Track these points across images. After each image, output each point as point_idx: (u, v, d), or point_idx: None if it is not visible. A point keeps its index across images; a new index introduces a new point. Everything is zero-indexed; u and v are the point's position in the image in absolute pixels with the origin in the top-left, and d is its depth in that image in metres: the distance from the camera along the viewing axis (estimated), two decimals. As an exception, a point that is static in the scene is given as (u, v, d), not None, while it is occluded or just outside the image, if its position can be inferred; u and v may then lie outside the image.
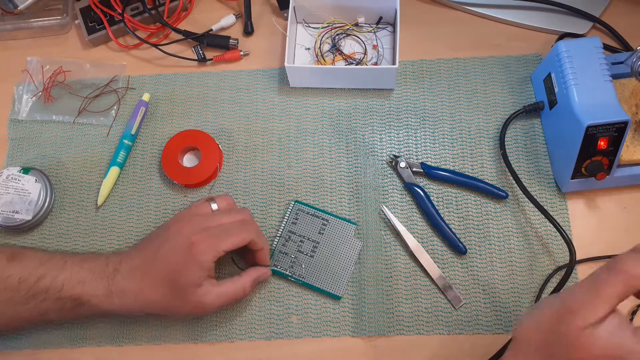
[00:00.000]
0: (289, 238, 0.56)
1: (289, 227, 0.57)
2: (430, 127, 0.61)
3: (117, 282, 0.50)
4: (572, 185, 0.55)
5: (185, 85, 0.65)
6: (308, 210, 0.57)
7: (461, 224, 0.57)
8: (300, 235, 0.56)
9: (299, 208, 0.57)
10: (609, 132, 0.51)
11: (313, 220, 0.57)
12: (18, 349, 0.55)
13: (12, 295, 0.49)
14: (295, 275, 0.55)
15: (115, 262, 0.51)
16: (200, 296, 0.49)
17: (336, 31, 0.65)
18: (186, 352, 0.54)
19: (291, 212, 0.57)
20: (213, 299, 0.49)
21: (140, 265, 0.50)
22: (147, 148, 0.62)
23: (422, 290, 0.55)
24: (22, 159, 0.63)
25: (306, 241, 0.56)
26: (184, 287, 0.48)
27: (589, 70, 0.52)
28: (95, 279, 0.50)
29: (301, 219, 0.57)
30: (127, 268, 0.50)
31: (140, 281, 0.50)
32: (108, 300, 0.50)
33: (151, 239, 0.53)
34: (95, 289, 0.49)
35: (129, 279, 0.50)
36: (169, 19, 0.66)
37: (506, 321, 0.53)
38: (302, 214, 0.57)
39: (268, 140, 0.61)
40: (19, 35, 0.68)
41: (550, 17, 0.64)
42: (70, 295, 0.49)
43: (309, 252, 0.56)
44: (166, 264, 0.49)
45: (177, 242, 0.49)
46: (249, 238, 0.50)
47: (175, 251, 0.49)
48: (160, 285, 0.49)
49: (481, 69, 0.63)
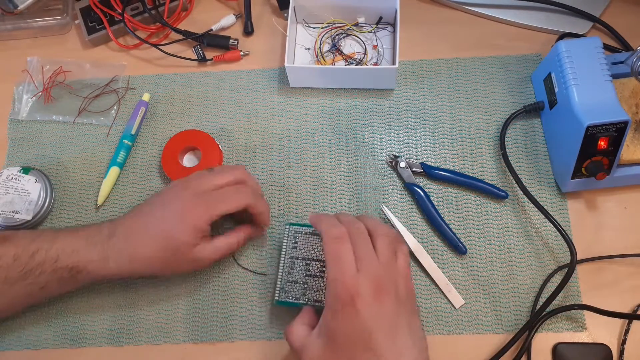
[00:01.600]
0: (293, 265, 0.53)
1: (290, 252, 0.53)
2: (430, 127, 0.61)
3: (112, 245, 0.50)
4: (572, 185, 0.55)
5: (185, 85, 0.65)
6: (305, 230, 0.54)
7: (461, 224, 0.57)
8: (305, 259, 0.53)
9: (296, 230, 0.54)
10: (609, 132, 0.51)
11: (312, 239, 0.54)
12: (18, 348, 0.55)
13: (8, 274, 0.49)
14: (312, 301, 0.52)
15: (109, 227, 0.51)
16: (196, 253, 0.50)
17: (336, 31, 0.65)
18: (186, 352, 0.54)
19: (288, 236, 0.54)
20: (208, 254, 0.51)
21: (134, 226, 0.51)
22: (147, 148, 0.62)
23: (422, 290, 0.55)
24: (22, 159, 0.63)
25: (312, 263, 0.53)
26: (179, 248, 0.49)
27: (589, 70, 0.52)
28: (89, 244, 0.50)
29: (300, 241, 0.54)
30: (122, 231, 0.51)
31: (135, 241, 0.50)
32: (104, 264, 0.50)
33: (146, 203, 0.53)
34: (90, 254, 0.50)
35: (124, 240, 0.50)
36: (169, 19, 0.66)
37: (506, 321, 0.53)
38: (300, 236, 0.54)
39: (268, 140, 0.61)
40: (19, 35, 0.68)
41: (550, 17, 0.64)
42: (66, 265, 0.49)
43: (317, 273, 0.52)
44: (162, 225, 0.50)
45: (172, 206, 0.50)
46: (244, 202, 0.51)
47: (171, 214, 0.50)
48: (155, 244, 0.50)
49: (481, 69, 0.63)
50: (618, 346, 0.52)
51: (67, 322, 0.56)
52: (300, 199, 0.59)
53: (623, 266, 0.54)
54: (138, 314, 0.56)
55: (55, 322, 0.56)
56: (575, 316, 0.53)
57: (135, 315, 0.55)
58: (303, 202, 0.58)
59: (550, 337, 0.52)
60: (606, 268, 0.54)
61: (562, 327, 0.52)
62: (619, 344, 0.52)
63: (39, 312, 0.56)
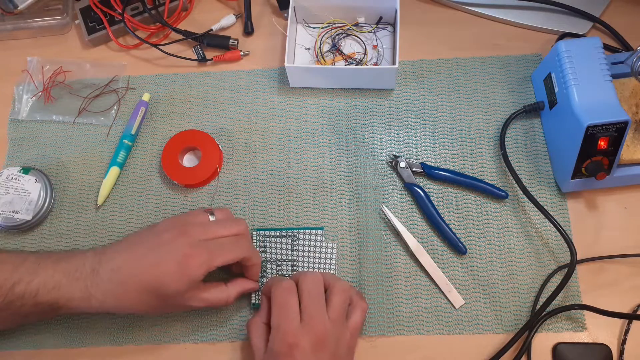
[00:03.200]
0: (265, 268, 0.55)
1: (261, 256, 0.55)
2: (430, 127, 0.61)
3: (96, 284, 0.47)
4: (572, 185, 0.55)
5: (185, 85, 0.65)
6: (273, 234, 0.56)
7: (461, 224, 0.57)
8: (275, 261, 0.55)
9: (264, 234, 0.56)
10: (609, 131, 0.51)
11: (281, 241, 0.56)
12: (18, 348, 0.55)
13: None
14: None
15: (93, 262, 0.48)
16: (186, 300, 0.48)
17: (336, 31, 0.65)
18: (186, 352, 0.54)
19: (256, 241, 0.56)
20: (197, 303, 0.49)
21: (123, 267, 0.48)
22: (147, 148, 0.62)
23: (422, 290, 0.55)
24: (22, 159, 0.63)
25: (283, 263, 0.55)
26: (170, 294, 0.47)
27: (589, 70, 0.52)
28: (71, 281, 0.47)
29: (269, 244, 0.56)
30: (108, 269, 0.48)
31: (122, 284, 0.47)
32: (87, 303, 0.48)
33: (137, 240, 0.50)
34: (71, 292, 0.47)
35: (110, 281, 0.47)
36: (169, 19, 0.66)
37: (506, 321, 0.53)
38: (268, 240, 0.56)
39: (268, 140, 0.61)
40: (19, 35, 0.68)
41: (550, 17, 0.64)
42: (46, 301, 0.47)
43: (289, 272, 0.55)
44: (154, 271, 0.47)
45: (169, 252, 0.47)
46: (243, 255, 0.50)
47: (166, 261, 0.47)
48: (144, 291, 0.47)
49: (481, 69, 0.63)
50: (618, 346, 0.52)
51: (67, 322, 0.56)
52: (300, 199, 0.59)
53: (623, 266, 0.54)
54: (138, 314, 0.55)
55: (55, 322, 0.56)
56: (575, 316, 0.53)
57: (135, 315, 0.55)
58: (303, 202, 0.58)
59: (550, 337, 0.52)
60: (606, 268, 0.54)
61: (562, 327, 0.52)
62: (619, 344, 0.52)
63: (39, 312, 0.56)
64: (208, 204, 0.59)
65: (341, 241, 0.57)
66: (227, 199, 0.59)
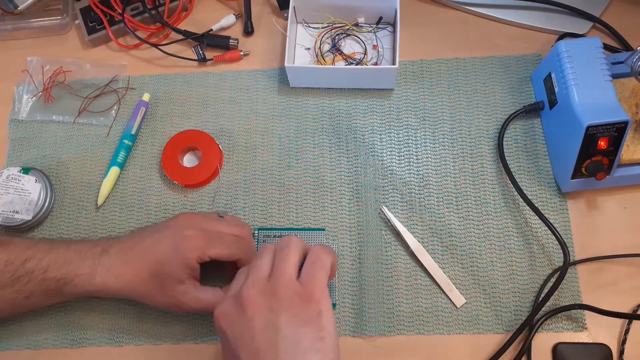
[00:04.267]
0: None
1: None
2: (430, 127, 0.61)
3: (102, 262, 0.50)
4: (572, 185, 0.55)
5: (185, 85, 0.65)
6: (274, 234, 0.56)
7: (461, 224, 0.57)
8: None
9: (265, 234, 0.56)
10: (609, 131, 0.51)
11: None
12: (18, 348, 0.55)
13: None
14: None
15: (104, 244, 0.51)
16: (179, 293, 0.49)
17: (336, 31, 0.65)
18: (186, 352, 0.54)
19: (258, 241, 0.56)
20: (190, 301, 0.49)
21: (128, 247, 0.51)
22: (147, 148, 0.62)
23: (423, 290, 0.55)
24: (22, 159, 0.63)
25: None
26: (165, 278, 0.48)
27: (589, 70, 0.52)
28: (81, 258, 0.50)
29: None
30: (115, 249, 0.51)
31: (124, 263, 0.50)
32: (91, 279, 0.49)
33: (147, 227, 0.53)
34: (79, 267, 0.50)
35: (115, 259, 0.50)
36: (169, 19, 0.66)
37: (506, 321, 0.53)
38: (269, 239, 0.56)
39: (268, 140, 0.61)
40: (19, 35, 0.68)
41: (550, 17, 0.64)
42: (54, 276, 0.49)
43: None
44: (153, 249, 0.49)
45: (169, 232, 0.50)
46: (239, 254, 0.50)
47: (165, 240, 0.49)
48: (143, 270, 0.49)
49: (481, 69, 0.63)
50: (618, 346, 0.52)
51: (67, 322, 0.56)
52: (300, 199, 0.59)
53: (623, 266, 0.54)
54: (138, 314, 0.55)
55: (55, 322, 0.56)
56: (576, 316, 0.53)
57: (135, 315, 0.55)
58: (303, 202, 0.58)
59: (550, 337, 0.52)
60: (606, 268, 0.54)
61: (562, 327, 0.53)
62: (619, 344, 0.52)
63: (39, 312, 0.56)
64: (208, 204, 0.59)
65: (341, 241, 0.57)
66: (227, 199, 0.59)
